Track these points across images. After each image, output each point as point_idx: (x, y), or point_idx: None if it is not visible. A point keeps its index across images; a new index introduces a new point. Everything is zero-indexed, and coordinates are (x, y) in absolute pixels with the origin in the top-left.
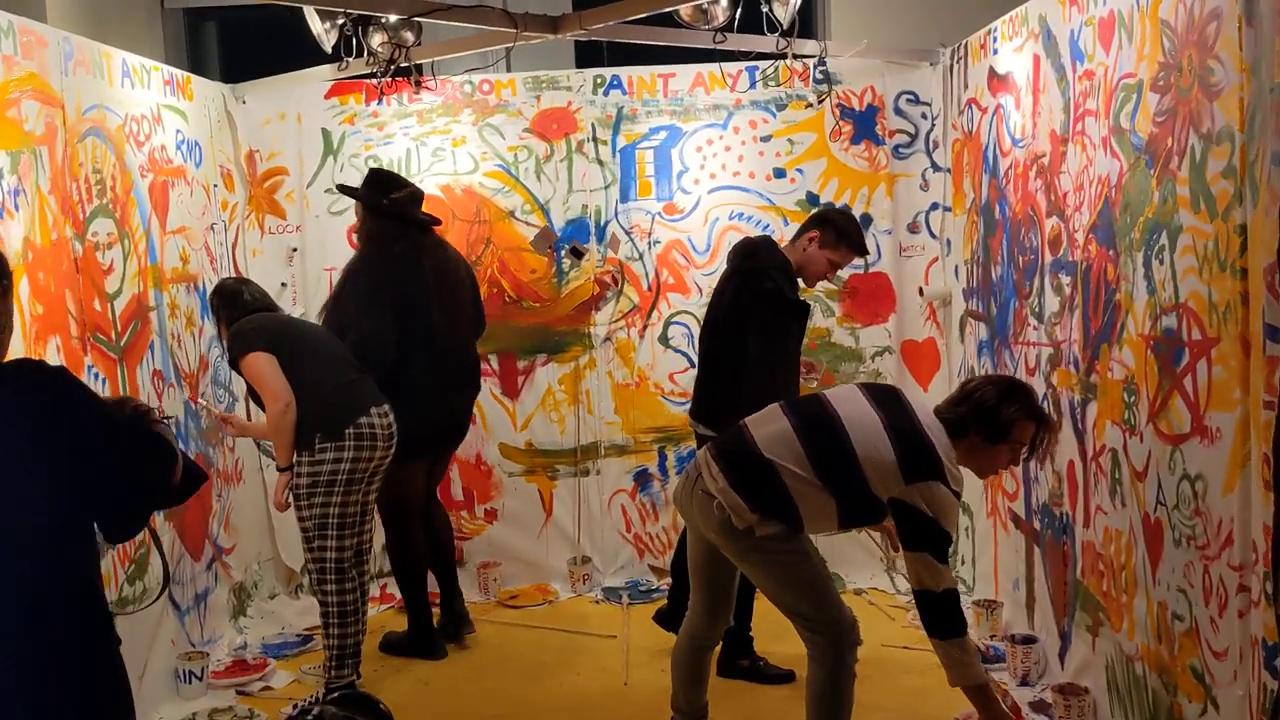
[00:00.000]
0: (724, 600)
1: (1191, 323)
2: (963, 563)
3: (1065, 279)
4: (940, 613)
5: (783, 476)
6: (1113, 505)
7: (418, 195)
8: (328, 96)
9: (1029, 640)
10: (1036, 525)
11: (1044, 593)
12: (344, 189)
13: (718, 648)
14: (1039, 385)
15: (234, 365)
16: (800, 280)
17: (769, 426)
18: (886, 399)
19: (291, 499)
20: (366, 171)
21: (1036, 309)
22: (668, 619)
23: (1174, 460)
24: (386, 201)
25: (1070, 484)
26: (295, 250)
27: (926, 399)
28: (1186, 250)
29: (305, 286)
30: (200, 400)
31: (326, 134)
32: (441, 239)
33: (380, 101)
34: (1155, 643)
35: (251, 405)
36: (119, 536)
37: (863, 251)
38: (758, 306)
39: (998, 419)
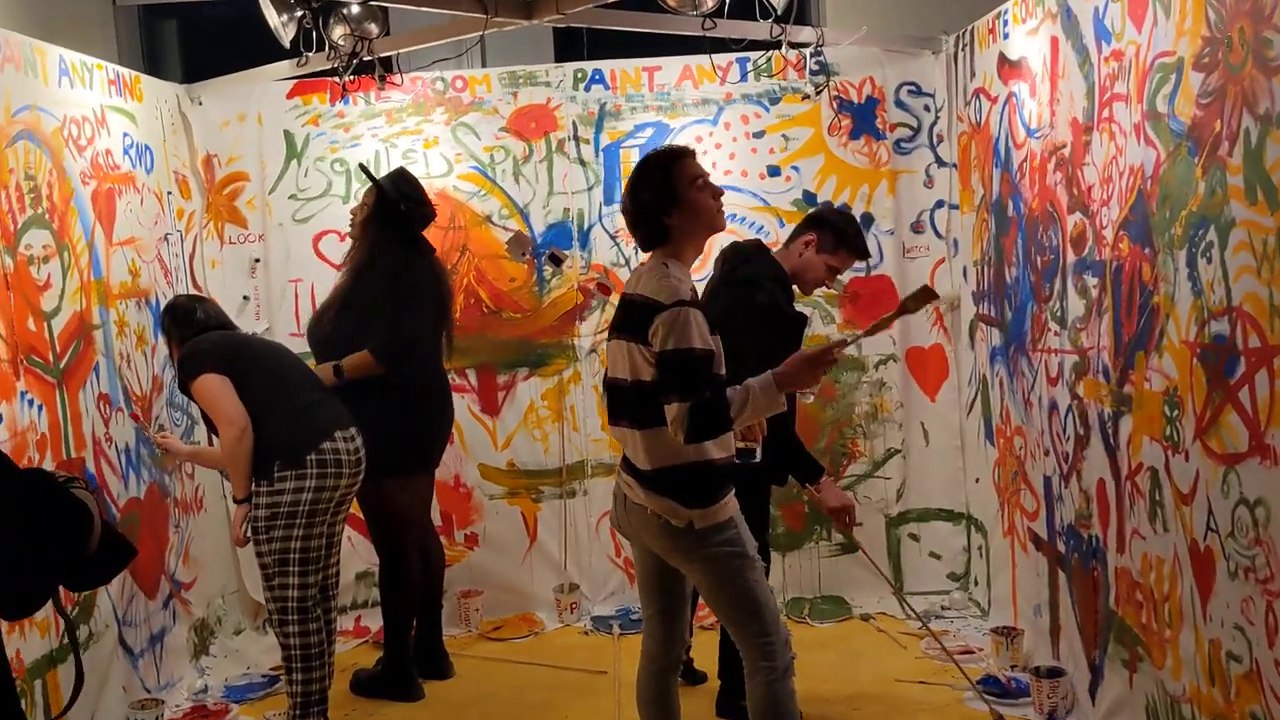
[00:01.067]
0: (677, 615)
1: (1248, 328)
2: (976, 584)
3: (1092, 280)
4: (708, 425)
5: (659, 458)
6: (1152, 529)
7: (429, 215)
8: (290, 96)
9: (1056, 673)
10: (1061, 548)
11: (1070, 621)
12: (365, 171)
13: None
14: (1063, 396)
15: (184, 389)
16: (796, 288)
17: (617, 435)
18: (618, 311)
19: (250, 533)
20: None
21: (1058, 313)
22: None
23: (1228, 483)
24: (404, 207)
25: (1100, 504)
26: (258, 261)
27: (934, 410)
28: (1241, 247)
29: (269, 300)
30: (147, 425)
31: (289, 136)
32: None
33: (346, 100)
34: (1207, 684)
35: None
36: (9, 614)
37: (864, 254)
38: (751, 322)
39: (650, 189)
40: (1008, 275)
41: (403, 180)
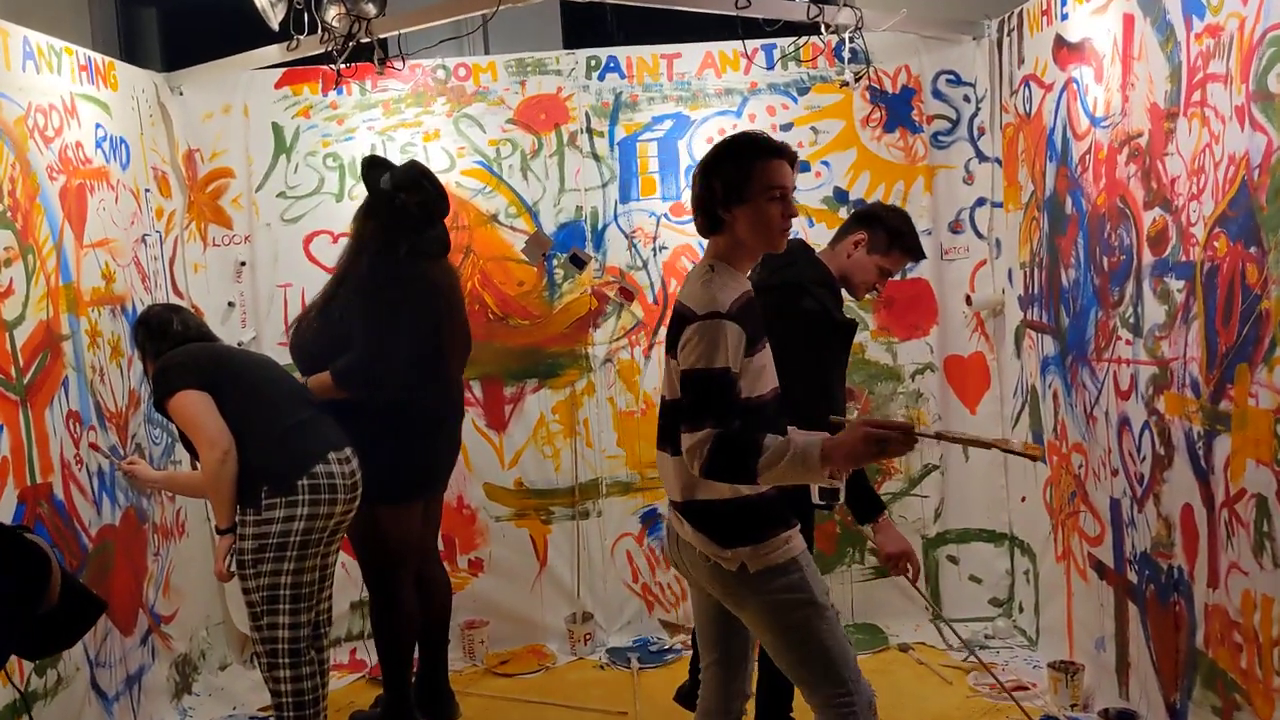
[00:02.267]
0: (740, 665)
1: None
2: (1021, 610)
3: (1176, 283)
4: (731, 464)
5: (697, 491)
6: (1258, 564)
7: (433, 209)
8: (278, 86)
9: (1127, 716)
10: (1133, 577)
11: (1144, 658)
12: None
13: None
14: (1136, 411)
15: (160, 407)
16: (845, 292)
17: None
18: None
19: (235, 567)
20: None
21: (1130, 320)
22: (691, 696)
23: None
24: (397, 202)
25: (1186, 533)
26: (244, 264)
27: (975, 423)
28: None
29: (256, 306)
30: (108, 453)
31: (278, 129)
32: None
33: (339, 90)
34: None
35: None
36: None
37: (919, 255)
38: (798, 331)
39: (723, 177)
40: (1064, 278)
41: (406, 170)
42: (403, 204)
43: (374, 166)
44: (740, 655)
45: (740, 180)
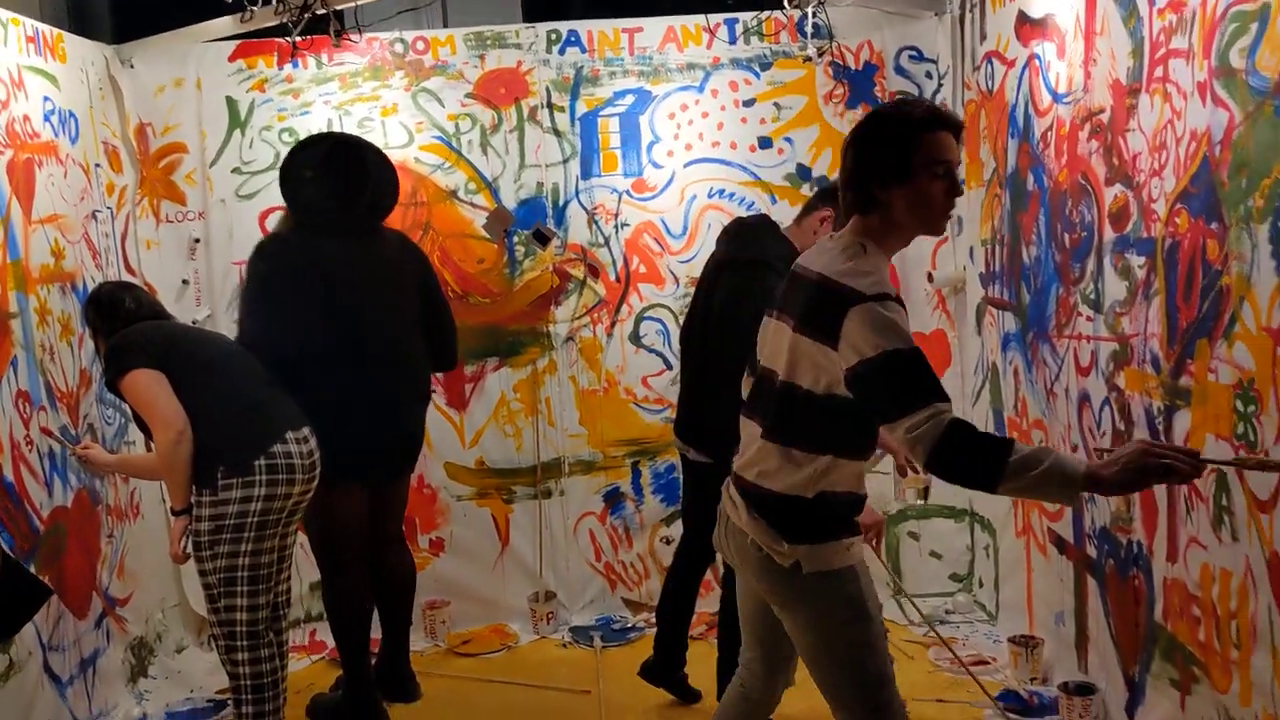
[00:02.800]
0: (784, 654)
1: None
2: (981, 586)
3: (1137, 260)
4: (971, 457)
5: (772, 488)
6: (1216, 539)
7: (332, 182)
8: (232, 59)
9: (1086, 689)
10: (1092, 552)
11: (1103, 632)
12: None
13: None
14: (1098, 387)
15: (112, 387)
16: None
17: (744, 428)
18: (787, 289)
19: (191, 548)
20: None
21: (1091, 296)
22: (656, 672)
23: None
24: (295, 177)
25: (1146, 508)
26: (198, 241)
27: None
28: None
29: (211, 284)
30: (60, 437)
31: (232, 103)
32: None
33: (295, 64)
34: None
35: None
36: None
37: None
38: (761, 310)
39: (882, 150)
40: (1025, 255)
41: (309, 141)
42: (301, 179)
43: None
44: (787, 649)
45: (901, 156)
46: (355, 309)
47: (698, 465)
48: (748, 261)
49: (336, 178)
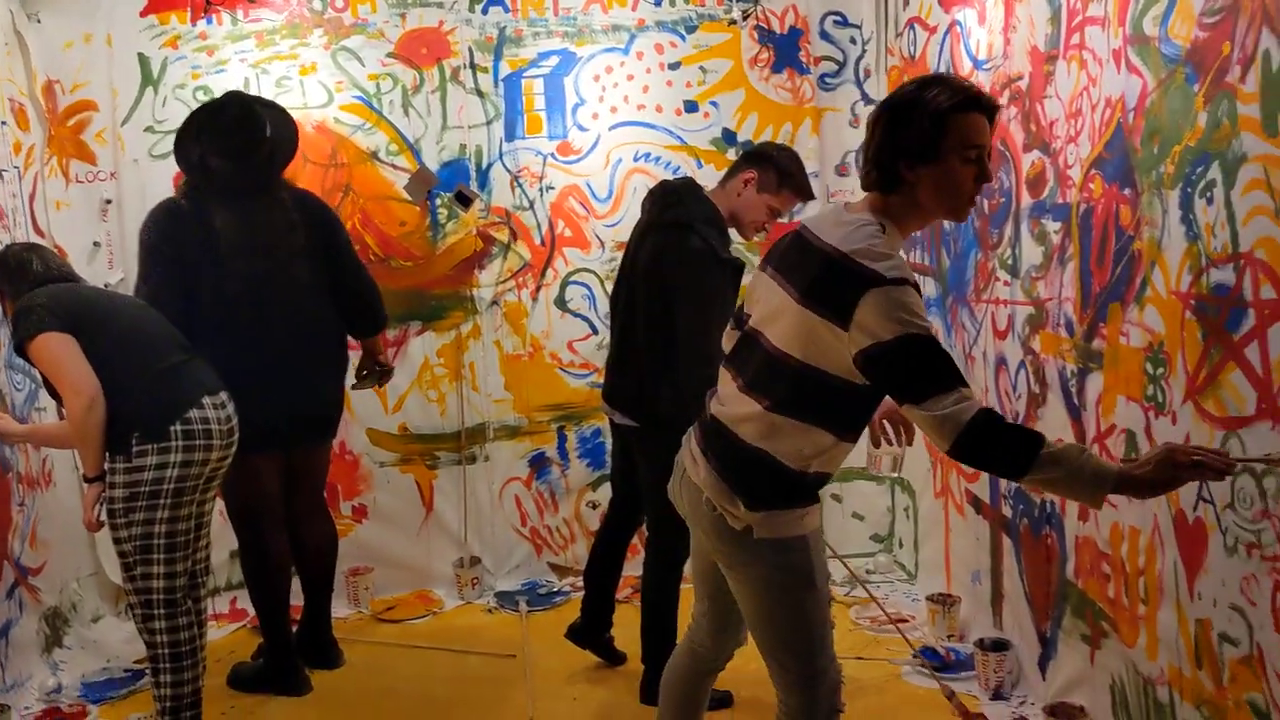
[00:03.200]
0: (735, 615)
1: (1261, 277)
2: (901, 546)
3: (1053, 225)
4: (998, 446)
5: (748, 440)
6: (1126, 498)
7: (220, 141)
8: (144, 14)
9: (1001, 645)
10: (1007, 512)
11: (1017, 590)
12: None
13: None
14: (1014, 351)
15: (20, 351)
16: (733, 231)
17: (723, 381)
18: (790, 250)
19: (105, 516)
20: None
21: (1009, 261)
22: (583, 635)
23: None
24: (197, 158)
25: None
26: (109, 202)
27: None
28: (1254, 185)
29: (123, 246)
30: None
31: (144, 60)
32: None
33: (208, 19)
34: (1191, 667)
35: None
36: None
37: (809, 195)
38: (685, 268)
39: (914, 129)
40: (944, 221)
41: (200, 107)
42: (190, 140)
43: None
44: (738, 607)
45: (933, 135)
46: (246, 274)
47: (625, 429)
48: (671, 223)
49: (225, 136)
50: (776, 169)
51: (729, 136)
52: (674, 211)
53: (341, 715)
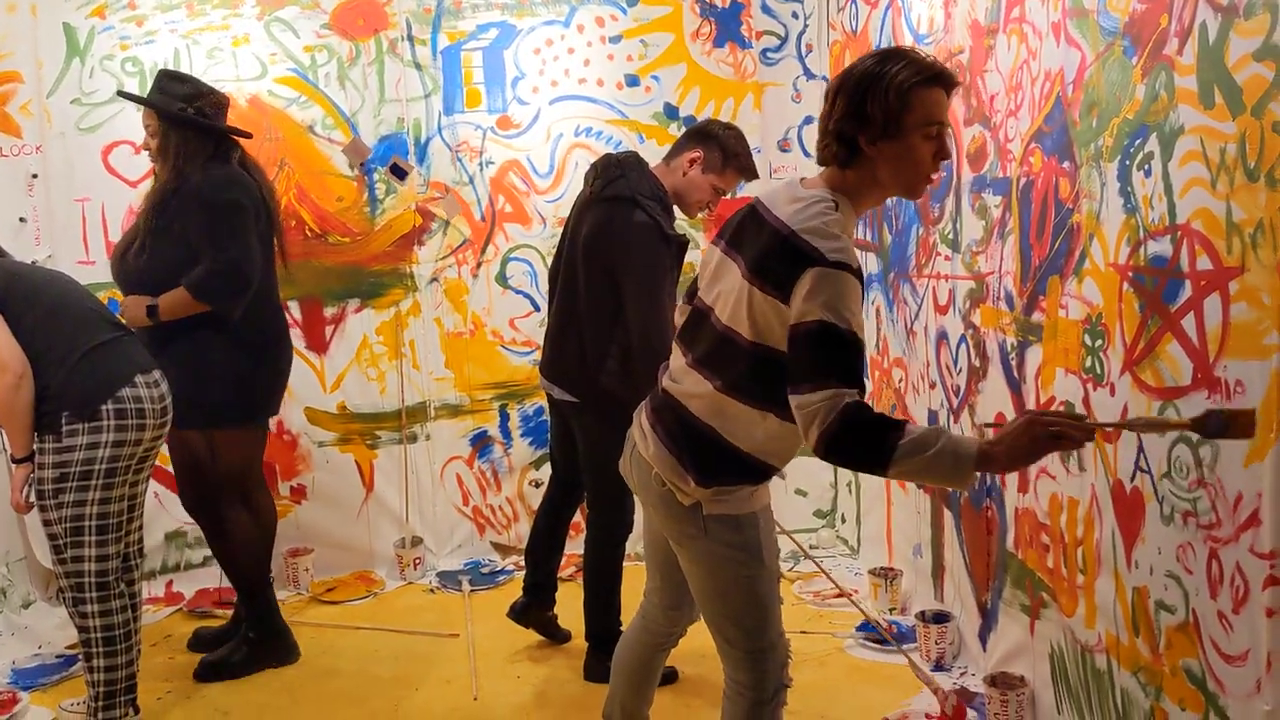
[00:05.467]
0: (688, 591)
1: (1197, 248)
2: (844, 521)
3: (993, 199)
4: (857, 439)
5: (698, 416)
6: (1064, 469)
7: (223, 101)
8: None
9: (942, 617)
10: None
11: (958, 562)
12: (126, 95)
13: None
14: (955, 325)
15: None
16: (677, 209)
17: (674, 356)
18: (742, 226)
19: (34, 497)
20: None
21: (950, 236)
22: (525, 613)
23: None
24: (193, 110)
25: None
26: (35, 177)
27: None
28: (1191, 157)
29: (51, 221)
30: None
31: (70, 30)
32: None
33: None
34: (1129, 634)
35: None
36: None
37: (752, 175)
38: (631, 243)
39: (876, 102)
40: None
41: (170, 82)
42: (200, 110)
43: (174, 78)
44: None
45: (896, 110)
46: (272, 240)
47: (564, 405)
48: (615, 197)
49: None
50: (721, 149)
51: (671, 111)
52: (617, 185)
53: (283, 697)
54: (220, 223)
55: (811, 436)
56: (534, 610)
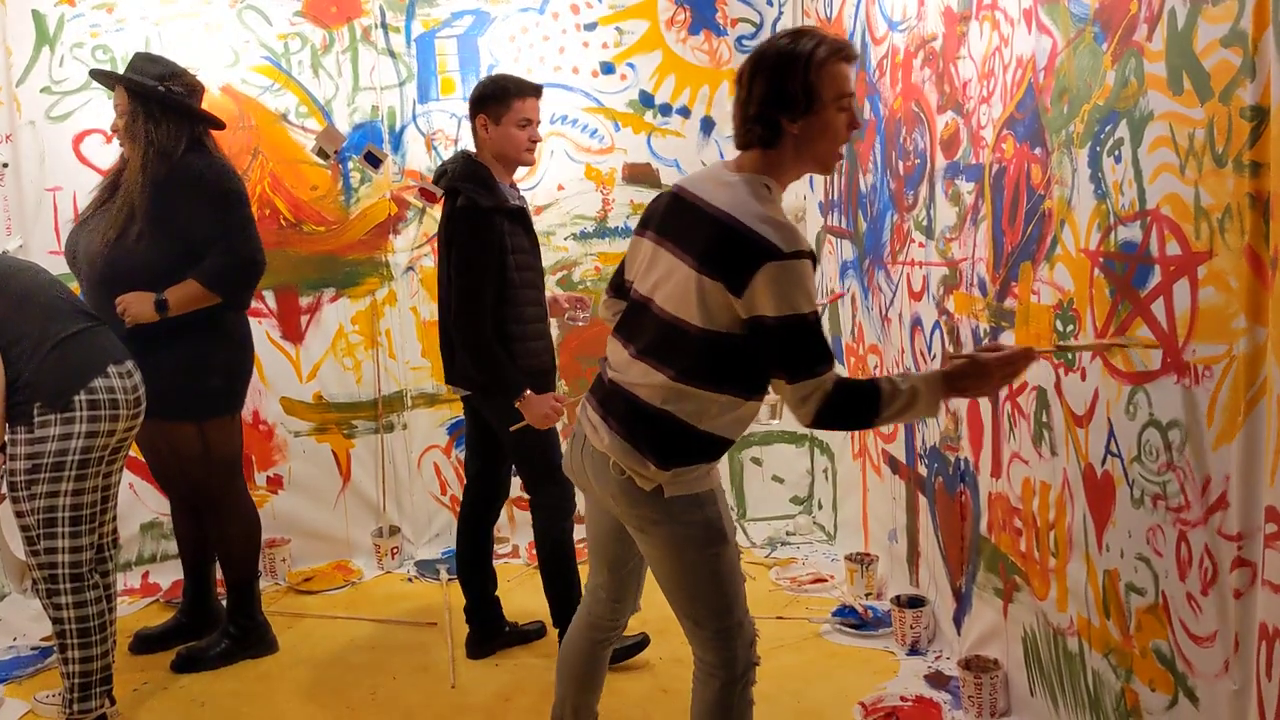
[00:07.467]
0: (633, 583)
1: (1166, 233)
2: (820, 508)
3: (966, 186)
4: (849, 410)
5: (650, 402)
6: (1037, 453)
7: (197, 85)
8: None
9: (917, 602)
10: (923, 471)
11: (932, 547)
12: (99, 76)
13: None
14: (929, 312)
15: None
16: (517, 173)
17: (613, 350)
18: (671, 214)
19: (6, 489)
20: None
21: (924, 222)
22: (485, 645)
23: (1134, 403)
24: (163, 89)
25: (972, 426)
26: (5, 166)
27: None
28: (1160, 143)
29: (22, 212)
30: None
31: (39, 18)
32: None
33: None
34: (1100, 617)
35: None
36: None
37: (533, 91)
38: (455, 230)
39: (796, 80)
40: (862, 183)
41: (144, 62)
42: (171, 90)
43: (153, 61)
44: (636, 574)
45: (814, 86)
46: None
47: (473, 401)
48: (447, 191)
49: (179, 69)
50: (492, 99)
51: (646, 99)
52: (450, 180)
53: (260, 687)
54: (230, 213)
55: (806, 417)
56: (491, 637)
